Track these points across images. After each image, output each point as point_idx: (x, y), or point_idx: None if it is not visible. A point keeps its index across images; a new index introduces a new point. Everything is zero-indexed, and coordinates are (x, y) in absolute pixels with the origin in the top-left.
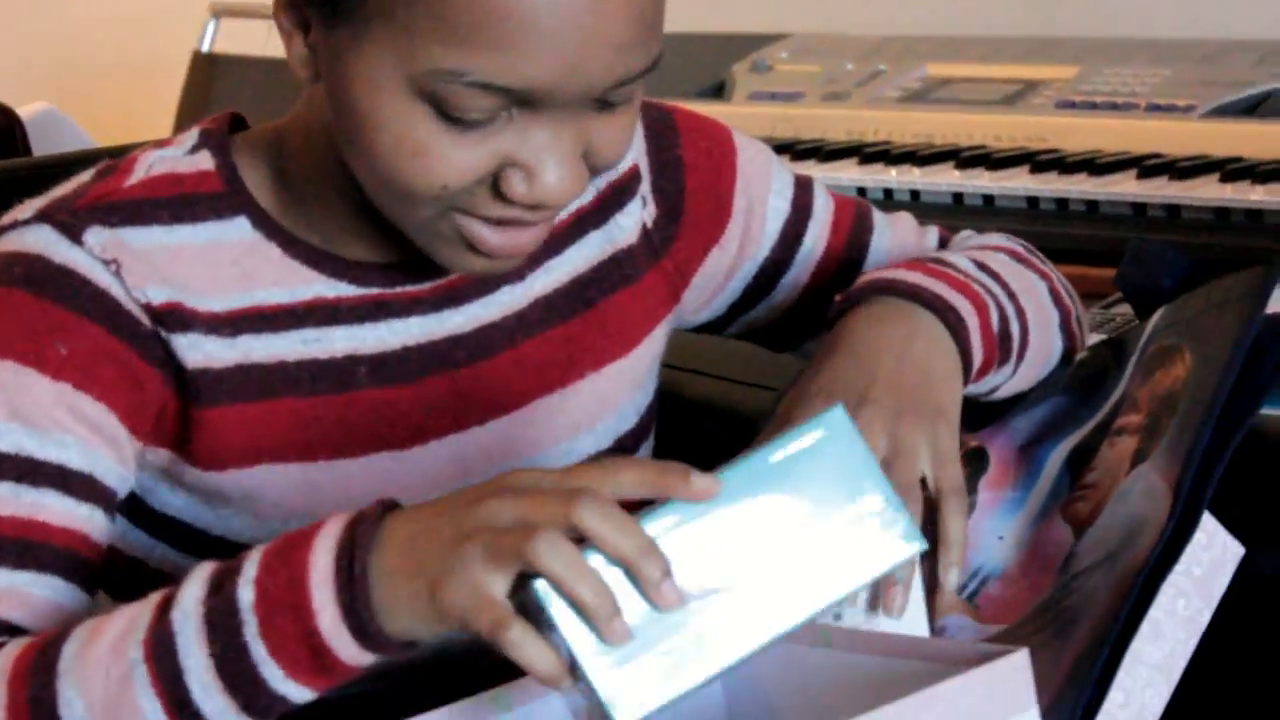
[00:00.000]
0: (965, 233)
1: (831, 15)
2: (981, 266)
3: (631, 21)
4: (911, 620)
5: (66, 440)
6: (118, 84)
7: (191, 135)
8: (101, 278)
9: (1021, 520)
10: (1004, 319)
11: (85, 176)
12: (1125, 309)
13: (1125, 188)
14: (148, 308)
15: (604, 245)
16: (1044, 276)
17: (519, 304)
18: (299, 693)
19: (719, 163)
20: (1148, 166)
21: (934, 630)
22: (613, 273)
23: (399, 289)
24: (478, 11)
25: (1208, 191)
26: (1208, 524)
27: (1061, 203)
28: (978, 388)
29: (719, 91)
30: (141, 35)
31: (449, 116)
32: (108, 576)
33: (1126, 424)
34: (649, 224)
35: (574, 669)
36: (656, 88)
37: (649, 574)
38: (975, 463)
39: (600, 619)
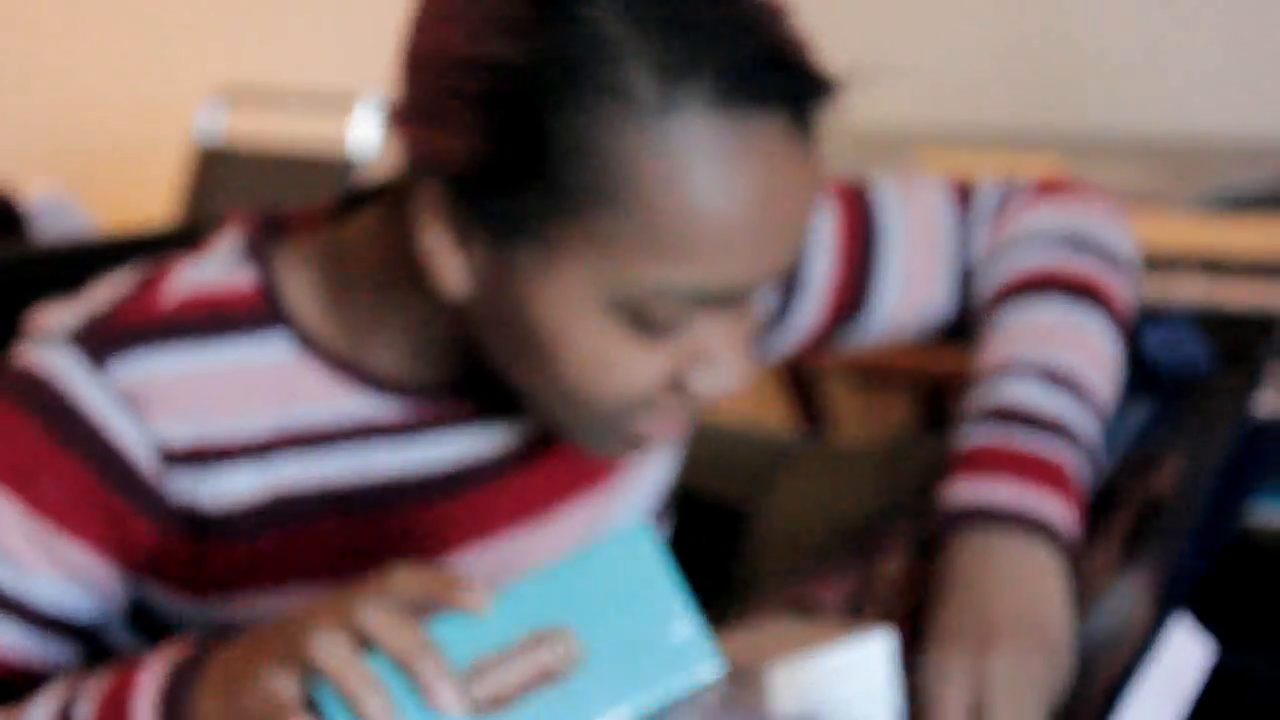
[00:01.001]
0: (986, 191)
1: None
2: (1046, 375)
3: (812, 204)
4: None
5: (35, 574)
6: (118, 165)
7: (231, 246)
8: (111, 419)
9: None
10: (1087, 447)
11: (121, 286)
12: None
13: None
14: (167, 451)
15: None
16: (1093, 294)
17: None
18: None
19: None
20: None
21: None
22: None
23: (444, 406)
24: (688, 221)
25: (1193, 290)
26: (1181, 622)
27: None
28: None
29: None
30: (143, 117)
31: (645, 327)
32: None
33: (1114, 528)
34: None
35: None
36: None
37: (423, 673)
38: None
39: (369, 716)
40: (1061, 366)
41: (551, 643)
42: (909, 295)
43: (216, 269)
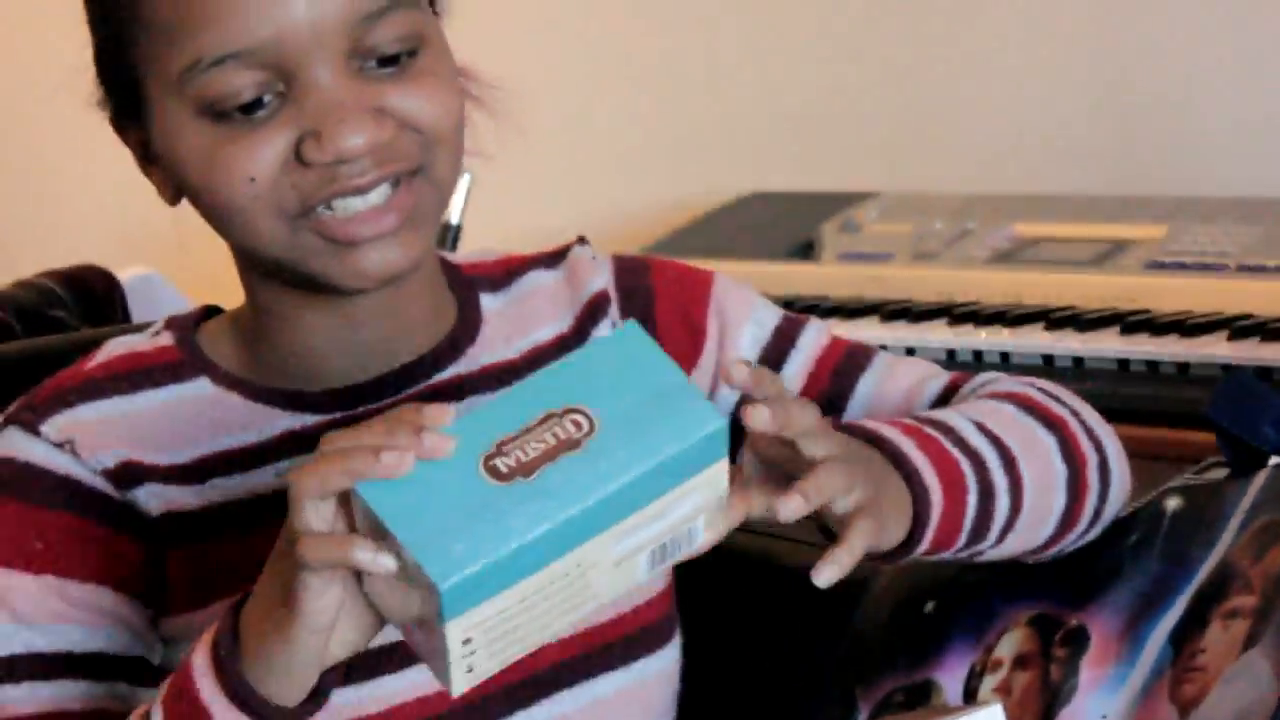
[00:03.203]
0: (983, 377)
1: (920, 174)
2: (981, 429)
3: None
4: None
5: (64, 629)
6: (216, 248)
7: (158, 323)
8: (60, 463)
9: (1124, 698)
10: (988, 494)
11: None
12: (1219, 474)
13: (1217, 349)
14: (106, 474)
15: None
16: (1055, 426)
17: None
18: None
19: (690, 291)
20: (1239, 328)
21: None
22: None
23: (360, 409)
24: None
25: None
26: None
27: (1152, 365)
28: (941, 554)
29: (808, 251)
30: None
31: (225, 114)
32: None
33: (1240, 606)
34: None
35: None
36: (746, 247)
37: (399, 440)
38: (1076, 642)
39: (371, 466)
40: (999, 435)
41: (567, 417)
42: None
43: (142, 338)
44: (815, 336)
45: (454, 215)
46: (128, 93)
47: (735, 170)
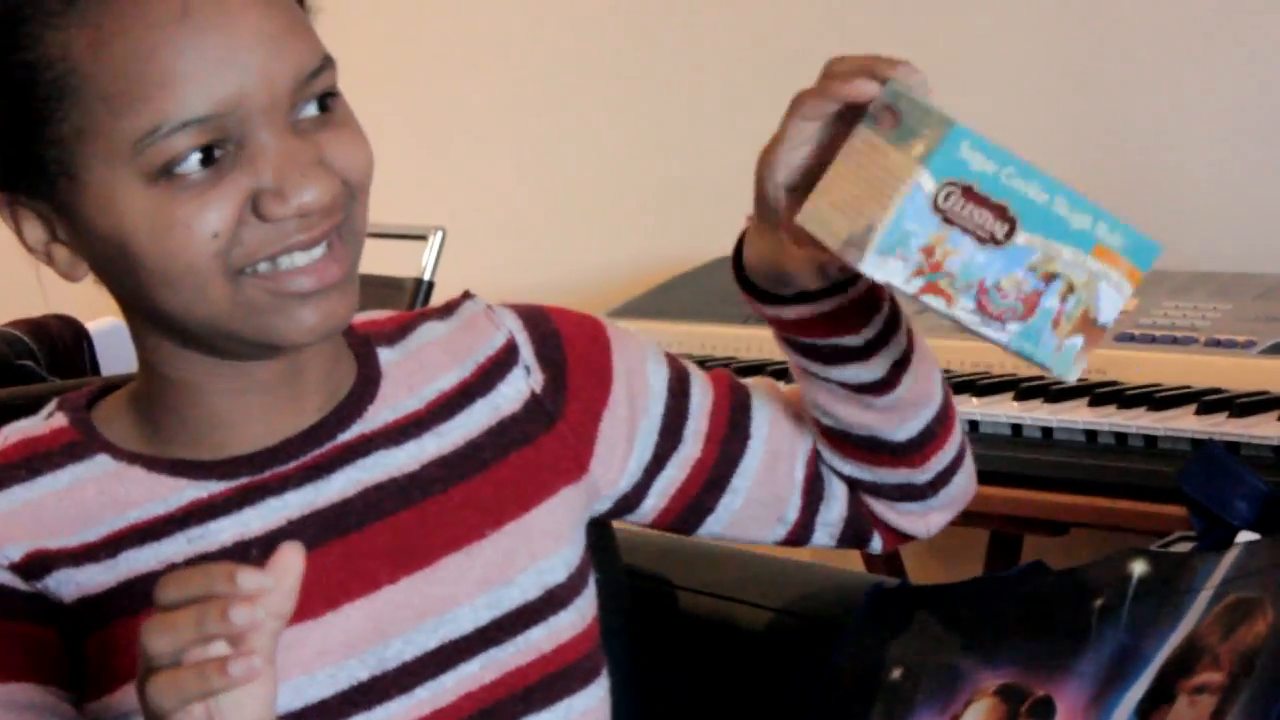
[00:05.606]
0: None
1: None
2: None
3: (270, 16)
4: None
5: None
6: None
7: (50, 405)
8: None
9: None
10: (900, 317)
11: None
12: (1183, 547)
13: (1184, 423)
14: (13, 567)
15: (491, 412)
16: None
17: (411, 465)
18: None
19: (592, 334)
20: (1207, 402)
21: None
22: (503, 436)
23: (267, 473)
24: (129, 68)
25: (1267, 429)
26: None
27: (1120, 437)
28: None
29: None
30: None
31: (181, 178)
32: None
33: (1207, 682)
34: (538, 390)
35: None
36: (713, 310)
37: (222, 630)
38: (1043, 713)
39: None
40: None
41: None
42: (771, 474)
43: (36, 422)
44: (693, 366)
45: (426, 272)
46: (34, 172)
47: (706, 234)
